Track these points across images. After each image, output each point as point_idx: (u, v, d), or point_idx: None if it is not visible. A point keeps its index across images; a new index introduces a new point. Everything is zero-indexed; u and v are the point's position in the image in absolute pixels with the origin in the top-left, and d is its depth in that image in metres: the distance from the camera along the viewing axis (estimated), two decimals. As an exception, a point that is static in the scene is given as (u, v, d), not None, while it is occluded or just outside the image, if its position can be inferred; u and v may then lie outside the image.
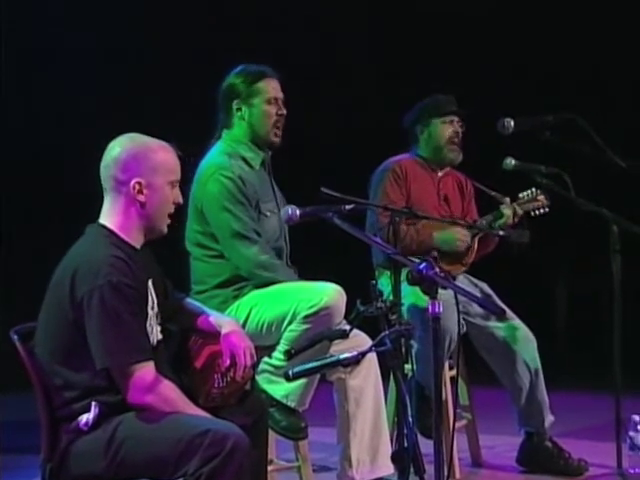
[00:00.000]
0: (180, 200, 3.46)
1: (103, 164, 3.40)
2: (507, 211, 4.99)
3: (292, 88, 4.44)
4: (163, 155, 3.41)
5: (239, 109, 4.37)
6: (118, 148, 3.39)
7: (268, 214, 4.32)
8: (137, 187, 3.36)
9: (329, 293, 4.07)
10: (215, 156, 4.35)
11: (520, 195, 5.08)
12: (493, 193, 5.07)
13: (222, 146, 4.38)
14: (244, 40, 7.11)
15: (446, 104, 5.08)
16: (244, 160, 4.34)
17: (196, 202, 4.28)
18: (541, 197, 5.08)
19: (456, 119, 5.08)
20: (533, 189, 5.07)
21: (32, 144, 7.10)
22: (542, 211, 5.10)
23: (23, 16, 7.09)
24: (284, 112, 4.39)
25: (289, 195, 4.39)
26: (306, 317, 4.04)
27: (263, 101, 4.36)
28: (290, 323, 4.08)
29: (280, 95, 4.40)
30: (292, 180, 4.52)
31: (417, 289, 3.13)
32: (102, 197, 3.42)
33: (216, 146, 4.40)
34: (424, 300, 3.20)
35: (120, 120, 3.65)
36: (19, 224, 7.01)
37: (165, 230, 3.45)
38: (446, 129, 5.06)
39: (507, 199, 5.04)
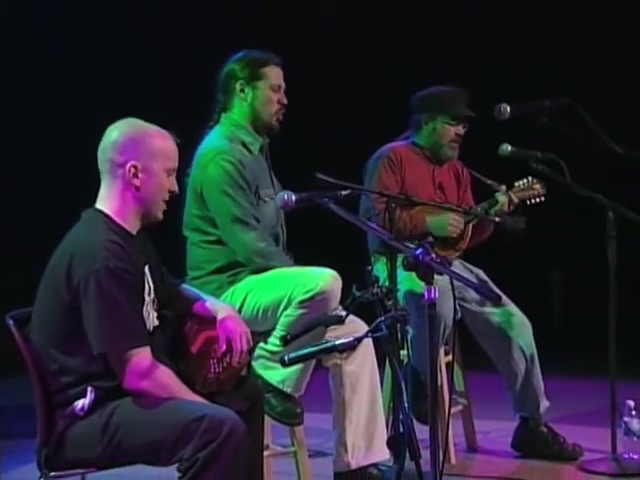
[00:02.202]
0: (176, 189, 3.45)
1: (101, 148, 3.39)
2: (502, 198, 4.98)
3: (292, 76, 4.43)
4: (161, 141, 3.40)
5: (242, 90, 4.34)
6: (116, 132, 3.38)
7: (267, 199, 4.31)
8: (133, 170, 3.35)
9: (325, 278, 4.07)
10: (215, 139, 4.32)
11: (516, 184, 5.06)
12: (489, 181, 5.06)
13: (222, 130, 4.36)
14: (243, 27, 7.12)
15: (461, 108, 4.97)
16: (243, 145, 4.33)
17: (196, 185, 4.26)
18: (537, 186, 5.07)
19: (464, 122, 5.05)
20: (529, 178, 5.05)
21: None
22: (538, 200, 5.08)
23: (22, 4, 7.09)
24: (285, 101, 4.37)
25: (285, 181, 4.37)
26: (302, 302, 4.03)
27: (267, 86, 4.34)
28: (286, 308, 4.08)
29: (283, 84, 4.38)
30: (288, 166, 4.51)
31: (413, 275, 3.13)
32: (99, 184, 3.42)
33: (215, 130, 4.37)
34: (420, 286, 3.19)
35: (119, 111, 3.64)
36: (14, 209, 7.00)
37: (160, 216, 3.44)
38: (452, 130, 5.00)
39: (503, 187, 5.02)
